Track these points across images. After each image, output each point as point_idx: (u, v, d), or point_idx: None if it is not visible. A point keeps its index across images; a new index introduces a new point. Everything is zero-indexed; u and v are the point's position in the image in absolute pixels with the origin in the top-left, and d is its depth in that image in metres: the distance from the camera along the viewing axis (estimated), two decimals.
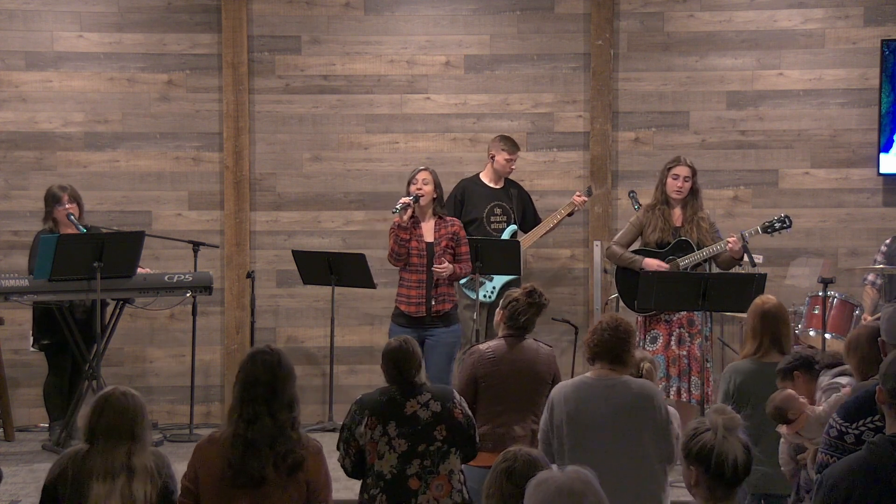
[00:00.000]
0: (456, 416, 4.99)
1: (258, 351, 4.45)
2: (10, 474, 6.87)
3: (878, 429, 3.71)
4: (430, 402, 4.98)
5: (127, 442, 4.15)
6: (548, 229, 8.48)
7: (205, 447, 4.37)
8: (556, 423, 4.93)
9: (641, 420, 4.89)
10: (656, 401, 4.97)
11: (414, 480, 4.91)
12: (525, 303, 5.68)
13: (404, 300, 7.32)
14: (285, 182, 9.06)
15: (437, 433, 4.95)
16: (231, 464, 4.25)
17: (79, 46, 8.94)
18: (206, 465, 4.32)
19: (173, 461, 4.33)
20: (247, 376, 4.35)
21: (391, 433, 4.93)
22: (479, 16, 9.04)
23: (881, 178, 8.91)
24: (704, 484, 3.54)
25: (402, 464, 4.91)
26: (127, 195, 8.98)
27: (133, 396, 4.24)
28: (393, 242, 7.30)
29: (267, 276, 9.00)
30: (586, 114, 8.99)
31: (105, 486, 4.10)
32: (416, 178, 7.38)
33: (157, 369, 9.01)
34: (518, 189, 8.53)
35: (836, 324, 7.90)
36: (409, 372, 5.03)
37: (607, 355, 4.99)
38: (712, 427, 3.56)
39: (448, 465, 4.97)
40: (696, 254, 7.44)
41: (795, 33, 8.98)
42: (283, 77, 9.04)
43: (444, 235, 7.35)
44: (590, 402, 4.90)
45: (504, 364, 5.65)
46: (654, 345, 7.36)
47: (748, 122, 9.01)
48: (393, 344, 5.12)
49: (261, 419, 4.28)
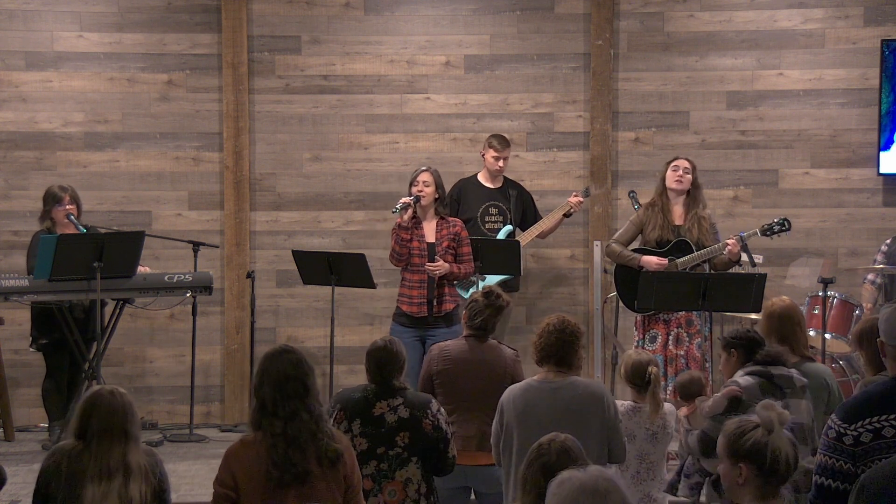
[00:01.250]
0: (424, 426, 4.99)
1: (280, 350, 4.43)
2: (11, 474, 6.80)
3: (876, 430, 3.71)
4: (399, 406, 5.00)
5: (121, 441, 4.14)
6: (543, 230, 8.46)
7: (239, 451, 4.33)
8: (506, 425, 4.98)
9: (588, 421, 4.90)
10: (605, 400, 4.99)
11: (367, 481, 4.94)
12: (482, 304, 5.70)
13: (406, 300, 7.32)
14: (285, 182, 9.06)
15: (399, 439, 4.98)
16: (276, 463, 4.23)
17: (79, 46, 8.94)
18: (244, 468, 4.28)
19: (173, 461, 4.34)
20: (277, 375, 4.31)
21: (354, 430, 4.98)
22: (479, 16, 9.04)
23: (881, 178, 8.91)
24: (755, 482, 3.52)
25: (359, 462, 4.94)
26: (127, 195, 8.99)
27: (122, 395, 4.22)
28: (394, 242, 7.30)
29: (267, 276, 9.00)
30: (586, 114, 8.99)
31: (101, 488, 4.09)
32: (418, 179, 7.37)
33: (157, 369, 9.02)
34: (518, 190, 8.53)
35: (837, 324, 7.91)
36: (389, 373, 5.06)
37: (553, 357, 5.01)
38: (764, 423, 3.54)
39: (406, 472, 4.99)
40: (695, 254, 7.43)
41: (795, 33, 8.98)
42: (283, 77, 9.04)
43: (446, 236, 7.35)
44: (536, 405, 4.93)
45: (460, 363, 5.67)
46: (653, 344, 7.36)
47: (748, 122, 9.01)
48: (378, 343, 5.14)
49: (299, 415, 4.27)
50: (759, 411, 3.59)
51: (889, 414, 3.70)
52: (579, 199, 8.42)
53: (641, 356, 5.73)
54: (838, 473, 3.69)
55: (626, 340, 8.24)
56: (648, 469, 5.55)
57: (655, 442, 5.57)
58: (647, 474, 5.55)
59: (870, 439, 3.70)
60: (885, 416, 3.70)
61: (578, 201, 8.42)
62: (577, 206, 8.44)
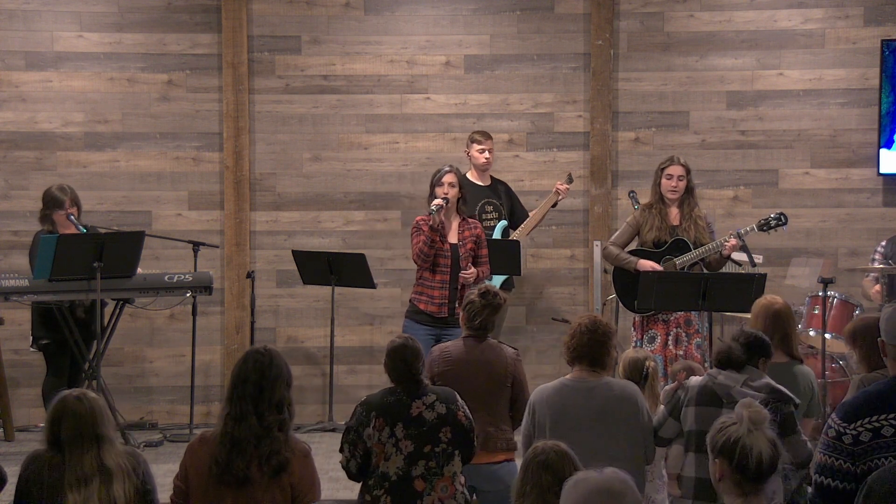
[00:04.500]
0: (460, 418, 4.99)
1: (252, 350, 4.46)
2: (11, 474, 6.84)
3: (875, 429, 3.71)
4: (435, 403, 4.98)
5: (93, 445, 4.10)
6: (535, 223, 8.46)
7: (196, 446, 4.39)
8: (539, 425, 4.97)
9: (622, 422, 4.91)
10: (639, 403, 4.99)
11: (419, 482, 4.90)
12: (480, 304, 5.67)
13: (426, 300, 7.23)
14: (285, 182, 9.06)
15: (442, 435, 4.95)
16: (217, 461, 4.27)
17: (79, 46, 8.94)
18: (195, 463, 4.34)
19: (173, 461, 4.33)
20: (237, 375, 4.36)
21: (398, 434, 4.91)
22: (479, 16, 9.04)
23: (881, 178, 8.91)
24: (730, 478, 3.54)
25: (407, 465, 4.90)
26: (127, 195, 8.99)
27: (89, 399, 4.18)
28: (423, 244, 7.17)
29: (267, 276, 9.00)
30: (586, 114, 8.99)
31: (81, 495, 4.05)
32: (443, 180, 7.27)
33: (156, 369, 9.02)
34: (505, 186, 8.54)
35: (837, 324, 7.90)
36: (417, 369, 5.02)
37: (586, 357, 5.00)
38: (738, 420, 3.56)
39: (452, 466, 4.97)
40: (692, 253, 7.43)
41: (795, 33, 8.98)
42: (283, 77, 9.04)
43: (469, 238, 7.31)
44: (572, 405, 4.92)
45: (460, 364, 5.65)
46: (653, 344, 7.36)
47: (748, 122, 9.01)
48: (398, 342, 5.09)
49: (247, 418, 4.29)
50: (736, 409, 3.61)
51: (889, 413, 3.70)
52: (566, 187, 8.40)
53: (639, 353, 5.77)
54: (838, 472, 3.70)
55: (626, 341, 8.23)
56: (647, 470, 5.54)
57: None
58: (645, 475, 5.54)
59: (869, 438, 3.70)
60: (885, 416, 3.70)
61: (566, 188, 8.40)
62: (565, 193, 8.41)
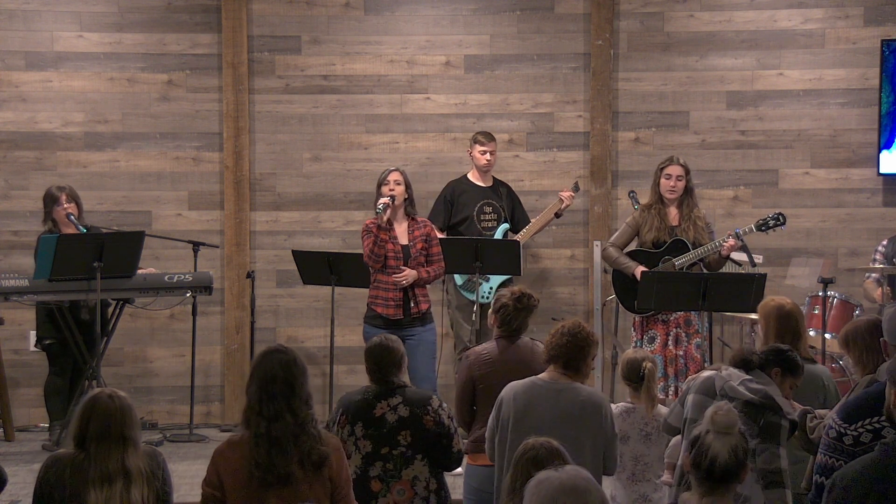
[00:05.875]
0: (425, 423, 4.99)
1: (272, 350, 4.43)
2: (11, 474, 6.80)
3: (875, 430, 3.71)
4: (399, 405, 5.01)
5: (119, 446, 4.11)
6: (538, 228, 8.45)
7: (226, 451, 4.33)
8: (503, 420, 4.97)
9: (585, 428, 4.89)
10: (604, 410, 4.97)
11: (375, 482, 4.96)
12: (513, 308, 5.65)
13: (381, 302, 7.23)
14: (285, 182, 9.06)
15: (401, 438, 4.98)
16: (258, 463, 4.22)
17: (79, 46, 8.94)
18: (230, 468, 4.29)
19: (173, 461, 4.33)
20: (264, 374, 4.31)
21: (358, 433, 4.99)
22: (479, 16, 9.04)
23: (881, 178, 8.91)
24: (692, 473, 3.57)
25: (365, 465, 4.96)
26: (127, 195, 8.99)
27: (120, 398, 4.18)
28: (372, 244, 7.17)
29: (267, 276, 9.00)
30: (586, 114, 8.99)
31: (103, 493, 4.06)
32: (388, 178, 7.26)
33: (157, 369, 9.02)
34: (507, 188, 8.53)
35: (837, 324, 7.90)
36: (388, 369, 5.06)
37: (561, 359, 5.00)
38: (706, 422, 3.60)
39: (412, 471, 4.99)
40: (691, 253, 7.43)
41: (795, 33, 8.98)
42: (283, 77, 9.04)
43: (419, 237, 7.30)
44: (538, 404, 4.92)
45: (499, 365, 5.64)
46: (652, 345, 7.36)
47: (748, 122, 9.01)
48: (374, 341, 5.15)
49: (282, 417, 4.26)
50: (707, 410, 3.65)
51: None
52: (571, 195, 8.41)
53: (637, 353, 5.77)
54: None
55: (626, 341, 8.23)
56: (644, 470, 5.56)
57: (650, 443, 5.57)
58: (642, 475, 5.56)
59: (870, 439, 3.71)
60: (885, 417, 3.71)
61: (570, 196, 8.40)
62: (570, 202, 8.41)
